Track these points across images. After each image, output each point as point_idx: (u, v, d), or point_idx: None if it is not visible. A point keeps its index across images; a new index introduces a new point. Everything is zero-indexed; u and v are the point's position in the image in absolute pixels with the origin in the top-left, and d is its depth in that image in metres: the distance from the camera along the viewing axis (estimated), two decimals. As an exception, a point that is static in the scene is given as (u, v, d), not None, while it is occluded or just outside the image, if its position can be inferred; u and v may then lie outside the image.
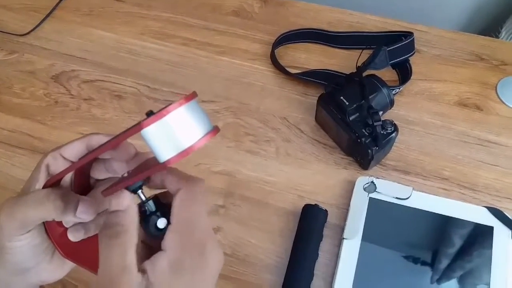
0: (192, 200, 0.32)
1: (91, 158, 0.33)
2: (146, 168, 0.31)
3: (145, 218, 0.32)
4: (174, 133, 0.27)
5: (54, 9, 0.84)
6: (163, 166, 0.27)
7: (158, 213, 0.32)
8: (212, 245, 0.33)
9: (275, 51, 0.75)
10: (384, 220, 0.59)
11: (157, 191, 0.35)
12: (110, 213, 0.31)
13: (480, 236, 0.57)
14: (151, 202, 0.32)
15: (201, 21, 0.81)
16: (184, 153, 0.27)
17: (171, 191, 0.33)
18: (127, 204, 0.31)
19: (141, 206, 0.32)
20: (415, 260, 0.56)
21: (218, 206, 0.62)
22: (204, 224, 0.32)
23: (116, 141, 0.30)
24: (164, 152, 0.27)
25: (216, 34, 0.80)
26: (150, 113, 0.28)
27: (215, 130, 0.28)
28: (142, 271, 0.30)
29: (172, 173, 0.33)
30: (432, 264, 0.56)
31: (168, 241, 0.31)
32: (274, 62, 0.75)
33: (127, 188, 0.31)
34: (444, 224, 0.58)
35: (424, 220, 0.59)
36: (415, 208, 0.59)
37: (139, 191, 0.32)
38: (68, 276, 0.58)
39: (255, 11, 0.82)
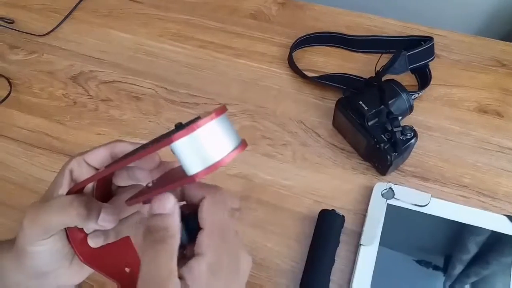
0: (219, 205, 0.32)
1: (116, 169, 0.32)
2: (172, 179, 0.30)
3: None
4: (204, 147, 0.27)
5: (73, 10, 0.85)
6: (192, 179, 0.27)
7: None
8: (242, 249, 0.34)
9: (293, 54, 0.75)
10: (402, 227, 0.58)
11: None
12: (153, 216, 0.31)
13: (499, 245, 0.56)
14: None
15: (219, 24, 0.81)
16: (213, 167, 0.27)
17: (193, 200, 0.33)
18: (171, 207, 0.31)
19: None
20: (433, 268, 0.56)
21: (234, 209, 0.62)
22: (233, 228, 0.33)
23: (143, 153, 0.30)
24: (193, 165, 0.27)
25: (234, 36, 0.80)
26: (179, 125, 0.27)
27: (243, 144, 0.28)
28: (179, 276, 0.30)
29: (192, 185, 0.33)
30: (450, 272, 0.55)
31: (205, 245, 0.31)
32: (292, 65, 0.74)
33: (148, 199, 0.31)
34: (463, 232, 0.58)
35: (442, 227, 0.58)
36: (433, 216, 0.58)
37: None
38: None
39: (273, 14, 0.82)
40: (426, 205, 0.59)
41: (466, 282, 0.54)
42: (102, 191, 0.38)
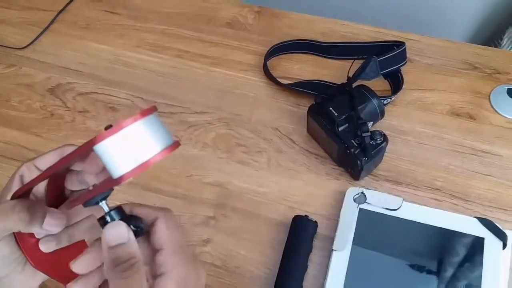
0: (174, 225, 0.34)
1: (53, 171, 0.32)
2: (102, 183, 0.31)
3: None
4: (128, 149, 0.26)
5: (51, 23, 0.86)
6: (117, 182, 0.27)
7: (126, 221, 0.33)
8: (199, 263, 0.36)
9: (268, 62, 0.76)
10: (374, 231, 0.59)
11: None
12: (113, 248, 0.31)
13: (471, 247, 0.57)
14: (114, 212, 0.32)
15: (195, 33, 0.82)
16: (139, 169, 0.27)
17: (145, 219, 0.34)
18: (125, 235, 0.32)
19: (104, 217, 0.32)
20: (405, 272, 0.56)
21: (209, 217, 0.63)
22: (187, 244, 0.35)
23: (71, 155, 0.29)
24: (118, 167, 0.27)
25: (210, 45, 0.80)
26: (108, 127, 0.27)
27: (174, 145, 0.28)
28: None
29: (142, 206, 0.35)
30: (421, 275, 0.55)
31: (170, 263, 0.32)
32: (267, 73, 0.75)
33: (90, 200, 0.31)
34: (434, 235, 0.58)
35: (414, 231, 0.58)
36: (405, 219, 0.59)
37: (103, 202, 0.32)
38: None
39: (249, 22, 0.83)
40: (398, 208, 0.59)
41: (438, 284, 0.55)
42: (55, 196, 0.37)
